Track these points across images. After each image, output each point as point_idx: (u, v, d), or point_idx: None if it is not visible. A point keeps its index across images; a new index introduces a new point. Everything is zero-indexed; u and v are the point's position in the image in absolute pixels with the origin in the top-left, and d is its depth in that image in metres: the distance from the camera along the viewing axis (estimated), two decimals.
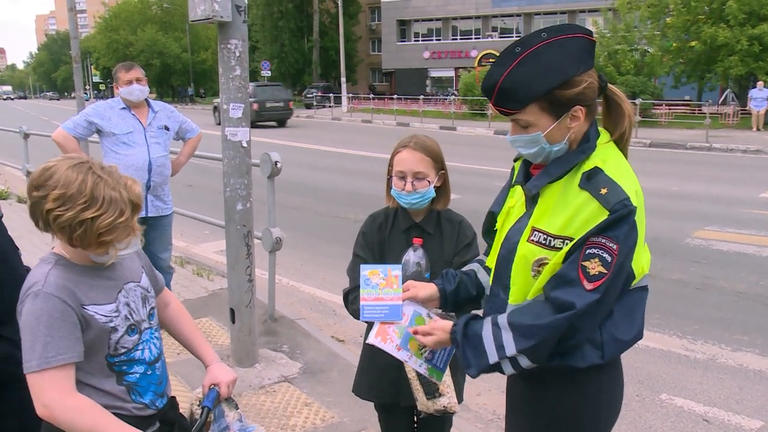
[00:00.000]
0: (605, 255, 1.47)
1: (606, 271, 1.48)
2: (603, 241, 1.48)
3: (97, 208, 1.55)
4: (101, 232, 1.56)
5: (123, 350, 1.68)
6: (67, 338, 1.56)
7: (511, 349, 1.56)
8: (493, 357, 1.59)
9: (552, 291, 1.53)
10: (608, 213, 1.47)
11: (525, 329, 1.55)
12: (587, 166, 1.56)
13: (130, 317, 1.70)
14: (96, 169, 1.59)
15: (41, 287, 1.57)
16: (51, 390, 1.53)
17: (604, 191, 1.49)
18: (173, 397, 1.86)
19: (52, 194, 1.54)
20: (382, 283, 1.89)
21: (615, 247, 1.47)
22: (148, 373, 1.74)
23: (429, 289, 1.88)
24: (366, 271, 1.92)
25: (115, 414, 1.63)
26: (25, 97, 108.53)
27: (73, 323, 1.58)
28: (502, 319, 1.61)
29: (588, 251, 1.49)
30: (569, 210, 1.53)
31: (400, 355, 1.87)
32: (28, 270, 2.24)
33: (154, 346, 1.78)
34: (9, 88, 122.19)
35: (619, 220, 1.47)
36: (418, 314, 1.90)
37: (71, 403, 1.55)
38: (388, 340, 1.85)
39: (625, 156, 1.65)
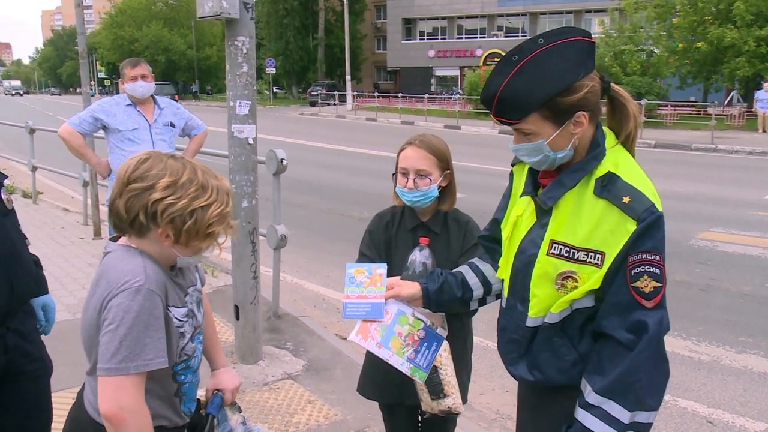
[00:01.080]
0: (653, 269, 1.45)
1: (660, 284, 1.46)
2: (644, 256, 1.45)
3: (207, 196, 1.47)
4: (211, 222, 1.48)
5: (185, 357, 1.59)
6: (162, 340, 1.46)
7: (623, 414, 1.46)
8: None
9: (614, 322, 1.48)
10: (636, 223, 1.44)
11: (618, 383, 1.47)
12: (599, 171, 1.52)
13: (194, 323, 1.63)
14: (190, 160, 1.53)
15: (143, 282, 1.45)
16: (134, 393, 1.42)
17: (626, 200, 1.46)
18: (199, 399, 1.80)
19: (161, 183, 1.44)
20: (366, 281, 1.88)
21: (658, 258, 1.45)
22: (194, 381, 1.68)
23: (412, 288, 1.87)
24: (351, 269, 1.91)
25: (163, 427, 1.58)
26: (27, 92, 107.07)
27: (164, 325, 1.48)
28: (590, 397, 1.51)
29: (633, 271, 1.45)
30: (590, 221, 1.50)
31: (381, 354, 1.86)
32: (35, 260, 2.24)
33: (200, 353, 1.71)
34: (18, 82, 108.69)
35: (650, 228, 1.44)
36: (402, 313, 1.89)
37: (146, 410, 1.46)
38: (369, 338, 1.85)
39: (633, 156, 1.61)
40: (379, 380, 2.31)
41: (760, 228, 7.92)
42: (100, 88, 67.72)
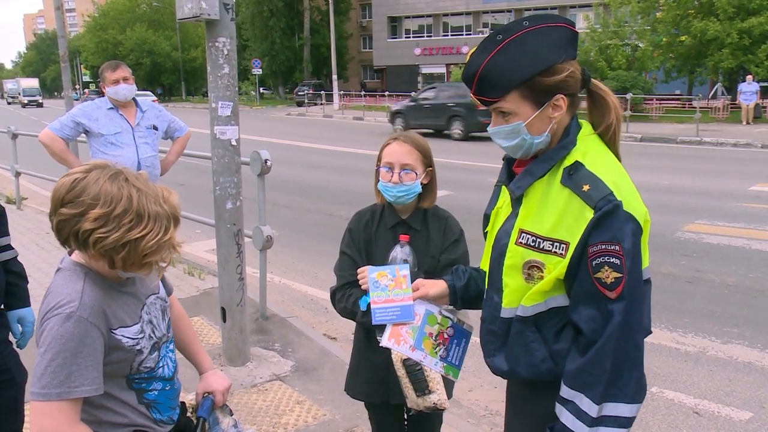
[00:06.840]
0: (613, 259, 1.41)
1: (621, 274, 1.41)
2: (603, 246, 1.41)
3: (143, 227, 1.39)
4: (146, 253, 1.41)
5: (145, 369, 1.57)
6: (93, 368, 1.42)
7: (592, 408, 1.43)
8: (582, 429, 1.46)
9: (581, 314, 1.47)
10: (593, 211, 1.42)
11: (584, 374, 1.45)
12: (568, 161, 1.52)
13: (153, 335, 1.58)
14: (132, 179, 1.43)
15: (75, 309, 1.40)
16: (58, 419, 1.39)
17: (586, 188, 1.44)
18: (183, 402, 1.79)
19: (92, 213, 1.36)
20: (390, 284, 1.86)
21: (617, 248, 1.41)
22: (167, 389, 1.65)
23: (439, 286, 1.86)
24: (374, 273, 1.90)
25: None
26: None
27: (100, 352, 1.44)
28: (563, 390, 1.50)
29: (594, 262, 1.43)
30: (555, 210, 1.49)
31: (415, 356, 1.85)
32: (20, 271, 2.21)
33: (170, 361, 1.67)
34: (35, 82, 65.85)
35: (606, 216, 1.41)
36: (430, 313, 1.88)
37: None
38: (401, 342, 1.83)
39: (616, 152, 1.60)
40: (365, 380, 2.31)
41: (744, 219, 7.99)
42: (85, 91, 66.92)
